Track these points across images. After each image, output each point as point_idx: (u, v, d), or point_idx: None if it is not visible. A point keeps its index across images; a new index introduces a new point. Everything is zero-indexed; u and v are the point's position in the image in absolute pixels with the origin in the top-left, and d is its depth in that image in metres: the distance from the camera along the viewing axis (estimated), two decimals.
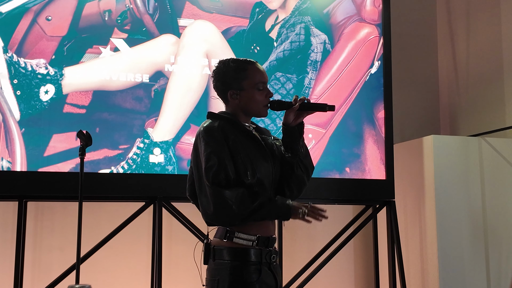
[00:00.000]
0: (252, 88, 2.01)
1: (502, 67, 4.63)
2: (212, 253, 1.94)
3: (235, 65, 2.04)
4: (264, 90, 2.03)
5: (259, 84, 2.02)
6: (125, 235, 3.77)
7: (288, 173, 2.04)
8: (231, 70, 2.03)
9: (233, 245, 1.91)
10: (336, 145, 4.01)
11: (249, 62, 2.05)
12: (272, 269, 1.96)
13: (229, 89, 2.02)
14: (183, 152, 3.70)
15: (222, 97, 2.07)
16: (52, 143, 3.49)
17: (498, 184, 4.27)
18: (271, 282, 1.94)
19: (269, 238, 1.96)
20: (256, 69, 2.04)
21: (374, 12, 4.25)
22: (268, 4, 4.03)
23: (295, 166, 2.04)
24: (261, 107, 2.02)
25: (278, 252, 2.01)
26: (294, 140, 2.03)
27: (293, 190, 2.06)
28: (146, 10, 3.76)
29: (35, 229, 3.92)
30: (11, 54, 3.48)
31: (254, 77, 2.02)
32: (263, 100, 2.01)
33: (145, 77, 3.70)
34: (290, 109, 2.00)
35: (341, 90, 4.09)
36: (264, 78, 2.04)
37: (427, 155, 4.20)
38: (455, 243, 4.09)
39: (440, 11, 5.30)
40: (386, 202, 4.13)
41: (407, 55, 5.06)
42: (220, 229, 1.96)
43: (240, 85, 2.01)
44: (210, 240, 1.98)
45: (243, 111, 2.04)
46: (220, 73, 2.05)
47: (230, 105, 2.05)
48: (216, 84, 2.06)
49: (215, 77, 2.06)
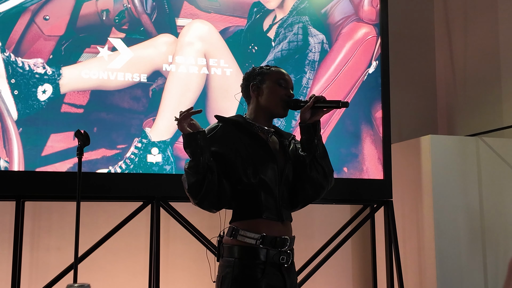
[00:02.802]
0: (273, 82, 2.04)
1: (500, 67, 4.64)
2: (222, 251, 1.97)
3: (261, 66, 2.12)
4: (286, 88, 2.06)
5: (281, 81, 2.05)
6: (123, 235, 3.77)
7: (302, 175, 2.04)
8: (258, 69, 2.10)
9: (240, 243, 1.92)
10: (334, 144, 4.01)
11: (274, 66, 2.12)
12: (283, 270, 1.95)
13: (252, 82, 2.06)
14: (181, 152, 3.70)
15: (245, 94, 2.11)
16: (50, 143, 3.48)
17: (495, 183, 4.28)
18: (278, 284, 1.93)
19: (277, 238, 1.94)
20: (281, 70, 2.10)
21: (372, 12, 4.25)
22: (266, 4, 4.03)
23: (309, 167, 2.03)
24: (279, 102, 2.03)
25: (290, 253, 1.98)
26: (310, 137, 2.03)
27: (308, 191, 2.05)
28: (144, 10, 3.75)
29: (32, 229, 3.91)
30: (8, 53, 3.47)
31: (276, 73, 2.07)
32: (283, 96, 2.03)
33: (143, 76, 3.70)
34: (305, 107, 2.00)
35: (339, 90, 4.09)
36: (286, 78, 2.08)
37: (425, 155, 4.21)
38: (453, 243, 4.10)
39: (438, 11, 5.31)
40: (384, 202, 4.14)
41: (405, 55, 5.06)
42: (229, 228, 1.98)
43: (263, 78, 2.06)
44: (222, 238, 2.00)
45: (262, 108, 2.05)
46: (246, 74, 2.12)
47: (251, 103, 2.08)
48: (242, 83, 2.12)
49: (242, 79, 2.13)
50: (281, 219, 1.99)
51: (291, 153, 2.08)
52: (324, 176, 2.06)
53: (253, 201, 1.95)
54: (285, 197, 2.02)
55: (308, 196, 2.06)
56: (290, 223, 2.05)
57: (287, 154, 2.06)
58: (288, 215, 2.05)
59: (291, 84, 2.09)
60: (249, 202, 1.95)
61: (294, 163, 2.06)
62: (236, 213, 1.99)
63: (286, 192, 2.03)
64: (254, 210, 1.95)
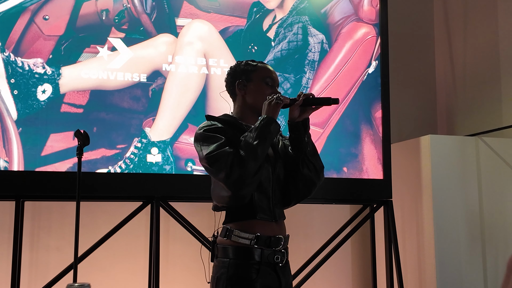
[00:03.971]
0: (260, 80, 2.03)
1: (499, 67, 4.64)
2: (216, 251, 1.95)
3: (247, 62, 2.08)
4: (272, 86, 2.04)
5: (268, 79, 2.04)
6: (123, 234, 3.77)
7: (293, 172, 2.03)
8: (242, 65, 2.07)
9: (234, 244, 1.91)
10: (333, 144, 4.01)
11: (260, 62, 2.09)
12: (278, 270, 1.94)
13: (237, 79, 2.04)
14: (180, 151, 3.70)
15: (230, 91, 2.08)
16: (50, 143, 3.48)
17: (495, 183, 4.28)
18: (273, 284, 1.92)
19: (271, 238, 1.93)
20: (267, 67, 2.08)
21: (372, 12, 4.25)
22: (266, 4, 4.03)
23: (301, 164, 2.01)
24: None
25: (285, 253, 1.98)
26: (299, 135, 2.02)
27: (300, 190, 2.03)
28: (144, 10, 3.75)
29: (32, 229, 3.91)
30: (8, 53, 3.47)
31: (263, 71, 2.05)
32: (269, 95, 2.00)
33: (142, 76, 3.70)
34: (294, 105, 1.98)
35: (338, 89, 4.09)
36: (273, 75, 2.06)
37: (424, 154, 4.21)
38: (452, 243, 4.10)
39: (437, 11, 5.31)
40: (384, 202, 4.14)
41: (405, 55, 5.07)
42: (223, 228, 1.96)
43: (249, 76, 2.03)
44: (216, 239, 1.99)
45: (248, 107, 2.04)
46: (231, 69, 2.09)
47: (237, 101, 2.07)
48: (226, 78, 2.09)
49: (227, 74, 2.09)
50: (274, 219, 1.98)
51: (280, 151, 2.06)
52: (315, 173, 2.04)
53: (246, 202, 1.92)
54: (277, 196, 2.01)
55: (300, 194, 2.04)
56: (283, 221, 2.04)
57: (277, 153, 2.05)
58: (281, 214, 2.04)
59: (278, 81, 2.07)
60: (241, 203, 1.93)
61: (285, 161, 2.05)
62: (229, 214, 1.97)
63: (278, 190, 2.02)
64: (248, 211, 1.93)
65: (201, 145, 1.92)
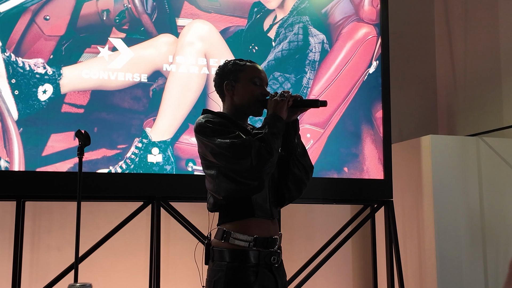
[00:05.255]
0: (248, 81, 2.00)
1: (500, 67, 4.64)
2: (212, 254, 1.93)
3: (235, 61, 2.06)
4: (261, 86, 2.02)
5: (256, 79, 2.01)
6: (123, 235, 3.77)
7: (285, 173, 2.02)
8: (230, 65, 2.04)
9: (231, 246, 1.89)
10: (334, 144, 4.01)
11: (249, 61, 2.06)
12: (274, 270, 1.94)
13: (225, 80, 2.02)
14: (181, 151, 3.70)
15: (219, 91, 2.07)
16: (50, 143, 3.48)
17: (495, 183, 4.28)
18: (271, 285, 1.91)
19: (268, 239, 1.93)
20: (255, 66, 2.05)
21: (372, 12, 4.25)
22: (267, 4, 4.03)
23: (292, 165, 2.01)
24: (254, 102, 1.99)
25: (280, 253, 1.97)
26: (289, 137, 2.01)
27: (291, 190, 2.02)
28: (144, 10, 3.75)
29: (33, 229, 3.91)
30: (9, 53, 3.47)
31: (251, 71, 2.02)
32: (258, 95, 1.99)
33: (143, 76, 3.70)
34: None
35: (339, 90, 4.10)
36: (261, 75, 2.03)
37: (425, 154, 4.21)
38: (453, 243, 4.10)
39: (438, 11, 5.31)
40: (384, 202, 4.14)
41: (405, 55, 5.07)
42: (219, 230, 1.95)
43: (237, 76, 2.01)
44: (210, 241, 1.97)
45: (237, 107, 2.02)
46: (220, 69, 2.06)
47: (226, 101, 2.05)
48: (214, 78, 2.07)
49: (215, 74, 2.07)
50: (271, 217, 1.98)
51: None
52: (305, 173, 2.04)
53: (244, 200, 1.91)
54: (273, 195, 2.01)
55: (292, 193, 2.04)
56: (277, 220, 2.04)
57: None
58: (277, 213, 2.04)
59: (266, 80, 2.05)
60: (240, 201, 1.92)
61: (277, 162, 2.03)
62: (225, 214, 1.95)
63: (273, 189, 2.02)
64: (245, 209, 1.92)
65: (212, 135, 1.88)
